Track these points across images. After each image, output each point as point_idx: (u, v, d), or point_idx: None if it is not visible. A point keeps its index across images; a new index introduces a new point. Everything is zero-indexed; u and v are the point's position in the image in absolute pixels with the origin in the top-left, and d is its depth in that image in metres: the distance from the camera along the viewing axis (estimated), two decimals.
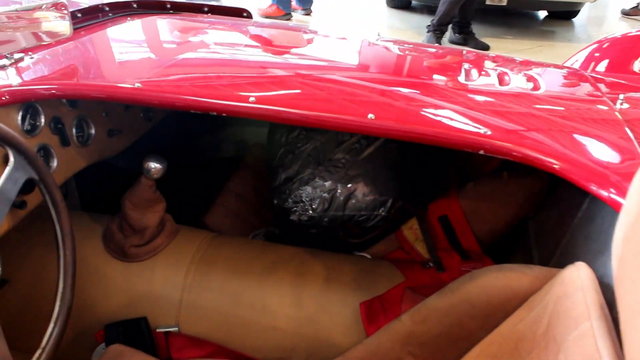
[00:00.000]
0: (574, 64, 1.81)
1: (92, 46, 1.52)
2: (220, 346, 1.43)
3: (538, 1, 5.84)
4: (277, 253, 1.55)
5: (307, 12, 5.96)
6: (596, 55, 1.80)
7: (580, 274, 0.88)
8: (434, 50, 1.80)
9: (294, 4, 5.87)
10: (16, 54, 1.29)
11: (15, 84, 1.20)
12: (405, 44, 1.78)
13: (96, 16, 1.71)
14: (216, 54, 1.54)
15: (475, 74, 1.46)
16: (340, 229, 1.62)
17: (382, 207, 1.59)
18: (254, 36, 1.74)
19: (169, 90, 1.22)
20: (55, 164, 1.35)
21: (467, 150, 1.09)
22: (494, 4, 5.35)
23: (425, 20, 5.38)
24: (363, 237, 1.64)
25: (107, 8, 1.76)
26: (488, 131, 1.09)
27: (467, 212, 1.52)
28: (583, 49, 1.87)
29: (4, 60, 1.26)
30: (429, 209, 1.57)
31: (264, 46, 1.69)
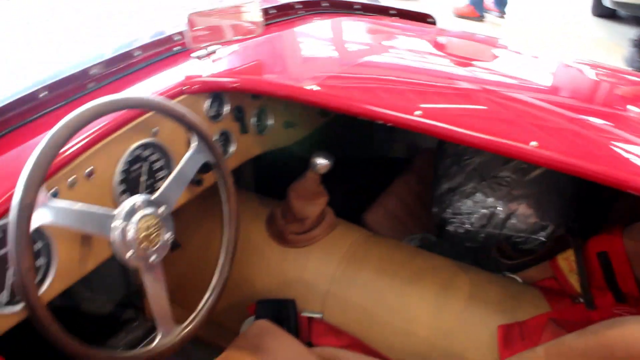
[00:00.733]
0: None
1: (279, 43, 1.63)
2: (358, 340, 1.47)
3: None
4: (428, 261, 1.56)
5: (502, 15, 5.72)
6: None
7: None
8: (633, 78, 1.64)
9: (488, 5, 5.67)
10: (211, 47, 1.43)
11: (205, 75, 1.33)
12: (604, 68, 1.65)
13: (287, 13, 1.83)
14: (395, 59, 1.57)
15: None
16: (495, 247, 1.57)
17: (541, 231, 1.52)
18: (435, 44, 1.74)
19: (343, 95, 1.29)
20: (233, 149, 1.49)
21: None
22: None
23: (630, 32, 4.89)
24: (516, 259, 1.58)
25: (299, 6, 1.87)
26: None
27: (630, 253, 1.39)
28: None
29: (200, 52, 1.41)
30: (589, 242, 1.47)
31: (442, 56, 1.68)
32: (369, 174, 2.20)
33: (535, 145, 1.06)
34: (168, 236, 1.13)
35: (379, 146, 2.43)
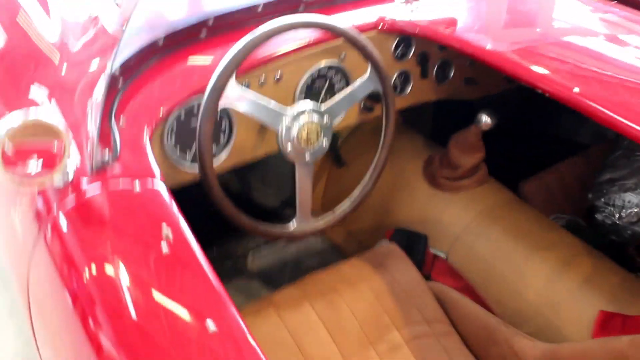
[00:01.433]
0: None
1: (484, 5, 1.68)
2: (471, 286, 1.60)
3: None
4: (560, 238, 1.60)
5: None
6: None
7: None
8: None
9: None
10: None
11: (398, 18, 1.50)
12: None
13: None
14: (605, 49, 1.43)
15: None
16: (635, 246, 1.57)
17: None
18: None
19: (527, 67, 1.28)
20: (409, 89, 1.64)
21: None
22: None
23: None
24: None
25: None
26: None
27: None
28: None
29: None
30: None
31: None
32: (538, 149, 2.20)
33: None
34: (325, 143, 1.33)
35: (563, 127, 2.40)
